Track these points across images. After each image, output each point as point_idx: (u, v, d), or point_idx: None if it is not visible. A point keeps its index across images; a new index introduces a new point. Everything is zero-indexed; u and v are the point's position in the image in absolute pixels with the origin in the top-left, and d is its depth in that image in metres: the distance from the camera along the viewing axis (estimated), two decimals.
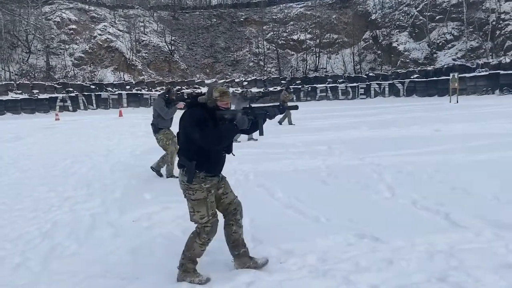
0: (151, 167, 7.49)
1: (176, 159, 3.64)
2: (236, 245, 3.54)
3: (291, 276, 3.41)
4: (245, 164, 8.10)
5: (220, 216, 3.49)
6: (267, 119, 3.40)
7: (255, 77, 40.47)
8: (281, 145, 10.63)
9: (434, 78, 33.95)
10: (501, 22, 35.06)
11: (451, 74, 25.31)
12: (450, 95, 24.65)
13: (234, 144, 3.59)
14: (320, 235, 4.27)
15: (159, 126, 7.21)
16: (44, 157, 10.19)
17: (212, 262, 3.70)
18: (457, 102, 23.50)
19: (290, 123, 16.10)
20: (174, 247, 4.14)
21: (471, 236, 4.08)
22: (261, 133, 3.46)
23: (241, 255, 3.55)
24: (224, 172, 3.54)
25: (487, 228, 4.22)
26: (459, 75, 32.06)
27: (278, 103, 3.72)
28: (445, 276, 3.27)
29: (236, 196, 3.58)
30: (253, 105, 3.42)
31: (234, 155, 3.56)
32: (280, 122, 16.04)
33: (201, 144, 3.13)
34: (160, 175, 7.43)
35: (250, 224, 4.61)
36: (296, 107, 3.69)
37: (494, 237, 4.02)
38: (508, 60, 29.84)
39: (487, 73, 30.10)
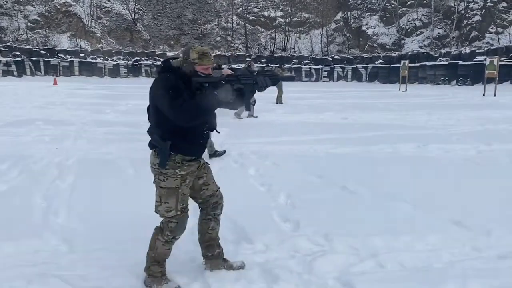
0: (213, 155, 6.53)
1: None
2: (211, 245, 2.98)
3: None
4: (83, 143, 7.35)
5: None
6: (256, 91, 2.74)
7: (219, 53, 39.31)
8: None
9: (398, 65, 33.30)
10: (469, 11, 34.40)
11: (401, 62, 24.70)
12: (400, 83, 24.06)
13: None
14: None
15: None
16: None
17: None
18: (406, 90, 22.95)
19: (278, 101, 15.29)
20: None
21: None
22: (247, 108, 2.87)
23: (214, 257, 2.99)
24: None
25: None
26: (421, 63, 31.68)
27: (270, 72, 2.95)
28: None
29: (219, 188, 2.98)
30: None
31: (218, 132, 2.93)
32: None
33: (171, 119, 2.52)
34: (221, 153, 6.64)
35: None
36: (292, 78, 3.18)
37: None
38: (468, 51, 29.32)
39: (446, 62, 29.60)
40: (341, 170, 5.88)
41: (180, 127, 2.57)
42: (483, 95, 18.62)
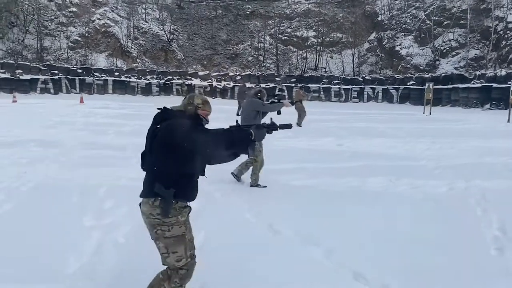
0: (232, 173, 6.90)
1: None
2: None
3: None
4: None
5: None
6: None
7: (249, 72, 39.72)
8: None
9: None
10: (508, 32, 32.87)
11: (426, 84, 23.85)
12: (424, 106, 23.22)
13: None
14: None
15: None
16: None
17: None
18: (430, 113, 22.10)
19: (299, 124, 15.72)
20: None
21: None
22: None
23: None
24: None
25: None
26: (454, 86, 30.50)
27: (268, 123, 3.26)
28: None
29: (193, 238, 2.97)
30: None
31: (206, 177, 2.96)
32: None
33: (204, 152, 2.66)
34: (238, 180, 6.94)
35: None
36: (289, 126, 3.38)
37: None
38: (504, 73, 27.91)
39: (480, 85, 28.30)
40: (283, 206, 5.69)
41: (186, 174, 2.65)
42: (508, 121, 17.60)
